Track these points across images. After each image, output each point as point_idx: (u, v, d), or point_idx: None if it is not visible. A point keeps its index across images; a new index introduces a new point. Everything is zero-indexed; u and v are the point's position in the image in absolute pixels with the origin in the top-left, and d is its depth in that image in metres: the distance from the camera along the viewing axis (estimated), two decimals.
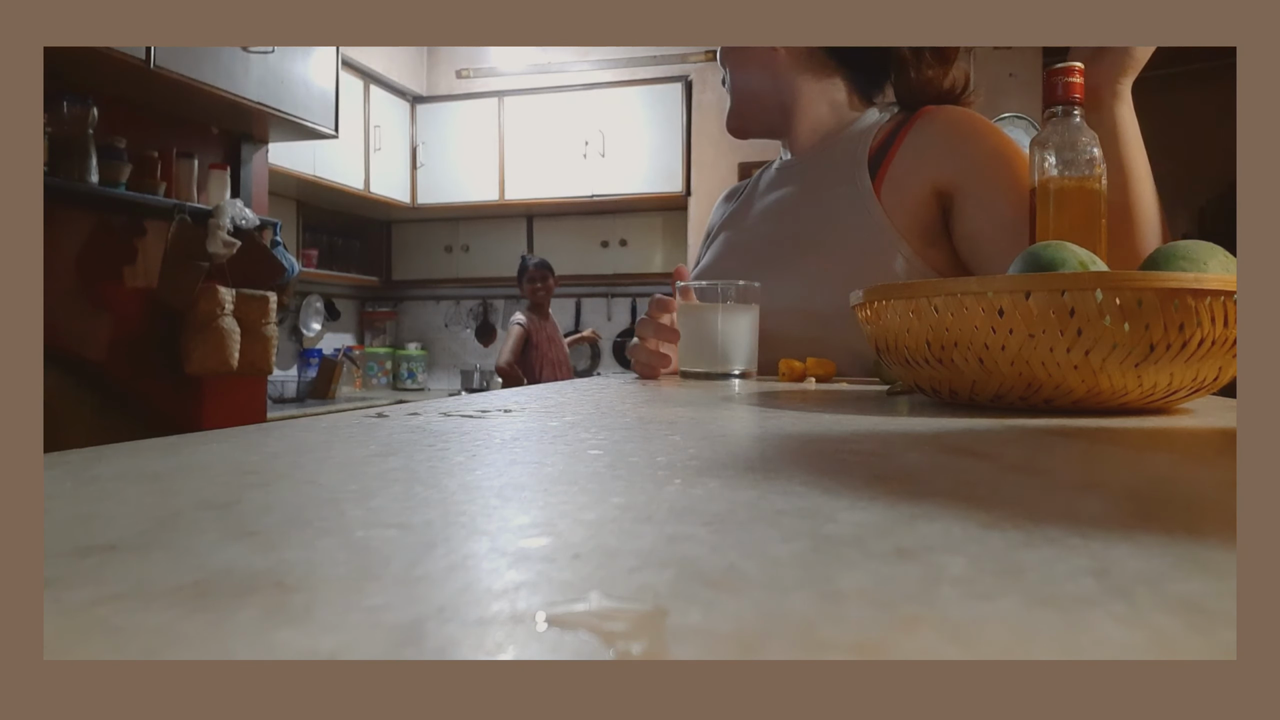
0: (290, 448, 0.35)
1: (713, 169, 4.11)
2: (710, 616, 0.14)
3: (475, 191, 4.36)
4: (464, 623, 0.14)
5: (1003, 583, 0.16)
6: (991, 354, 0.51)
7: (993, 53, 3.56)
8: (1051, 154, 0.72)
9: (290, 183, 3.70)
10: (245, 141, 2.78)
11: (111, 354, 2.34)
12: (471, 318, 4.75)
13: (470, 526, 0.21)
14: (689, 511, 0.22)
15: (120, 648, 0.13)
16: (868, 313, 0.61)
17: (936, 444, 0.37)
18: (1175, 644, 0.13)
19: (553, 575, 0.16)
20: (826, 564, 0.17)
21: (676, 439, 0.38)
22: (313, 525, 0.21)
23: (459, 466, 0.30)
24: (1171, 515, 0.22)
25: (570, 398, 0.64)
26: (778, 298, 1.00)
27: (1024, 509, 0.22)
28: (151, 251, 2.43)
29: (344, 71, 3.45)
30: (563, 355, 3.73)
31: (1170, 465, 0.32)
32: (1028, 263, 0.57)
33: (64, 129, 2.11)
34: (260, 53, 2.48)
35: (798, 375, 0.89)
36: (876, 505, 0.23)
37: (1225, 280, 0.48)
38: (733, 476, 0.28)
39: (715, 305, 0.94)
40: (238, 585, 0.16)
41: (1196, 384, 0.51)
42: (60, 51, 1.95)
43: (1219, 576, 0.16)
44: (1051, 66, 0.73)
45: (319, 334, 4.29)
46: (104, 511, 0.22)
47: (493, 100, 4.35)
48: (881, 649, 0.13)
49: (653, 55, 4.27)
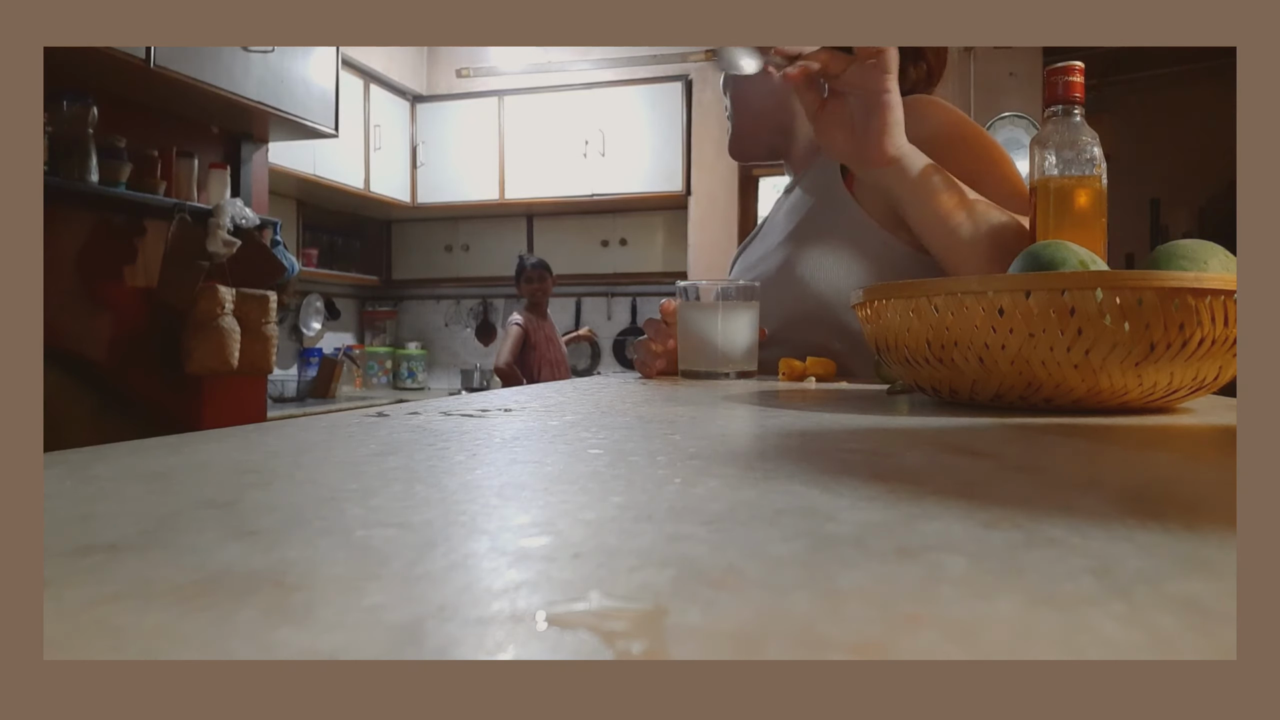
0: (290, 447, 0.35)
1: (713, 169, 4.11)
2: (710, 616, 0.14)
3: (475, 191, 4.35)
4: (464, 622, 0.14)
5: (1003, 583, 0.16)
6: (992, 353, 0.51)
7: (993, 53, 3.56)
8: (1051, 153, 0.72)
9: (290, 182, 3.70)
10: (245, 141, 2.78)
11: (111, 354, 2.34)
12: (471, 317, 4.75)
13: (470, 526, 0.21)
14: (689, 511, 0.22)
15: (120, 648, 0.13)
16: (868, 312, 0.61)
17: (936, 443, 0.37)
18: (1175, 644, 0.13)
19: (553, 574, 0.16)
20: (826, 563, 0.17)
21: (676, 438, 0.38)
22: (313, 524, 0.21)
23: (459, 466, 0.30)
24: (1171, 515, 0.22)
25: (570, 397, 0.64)
26: (776, 304, 1.01)
27: (1024, 509, 0.22)
28: (151, 251, 2.43)
29: (344, 71, 3.45)
30: (561, 355, 3.72)
31: (1170, 464, 0.32)
32: (1028, 262, 0.57)
33: (64, 129, 2.11)
34: (260, 52, 2.48)
35: (798, 375, 0.89)
36: (877, 505, 0.23)
37: (1225, 279, 0.47)
38: (733, 476, 0.28)
39: (715, 305, 0.94)
40: (238, 585, 0.16)
41: (1197, 383, 0.51)
42: (60, 51, 1.95)
43: (1219, 576, 0.16)
44: (1051, 66, 0.73)
45: (319, 333, 4.29)
46: (104, 511, 0.22)
47: (493, 100, 4.35)
48: (881, 649, 0.13)
49: (653, 55, 4.27)
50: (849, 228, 1.01)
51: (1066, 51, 3.04)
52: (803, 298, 1.01)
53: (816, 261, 1.01)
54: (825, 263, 1.00)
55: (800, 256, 1.03)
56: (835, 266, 1.00)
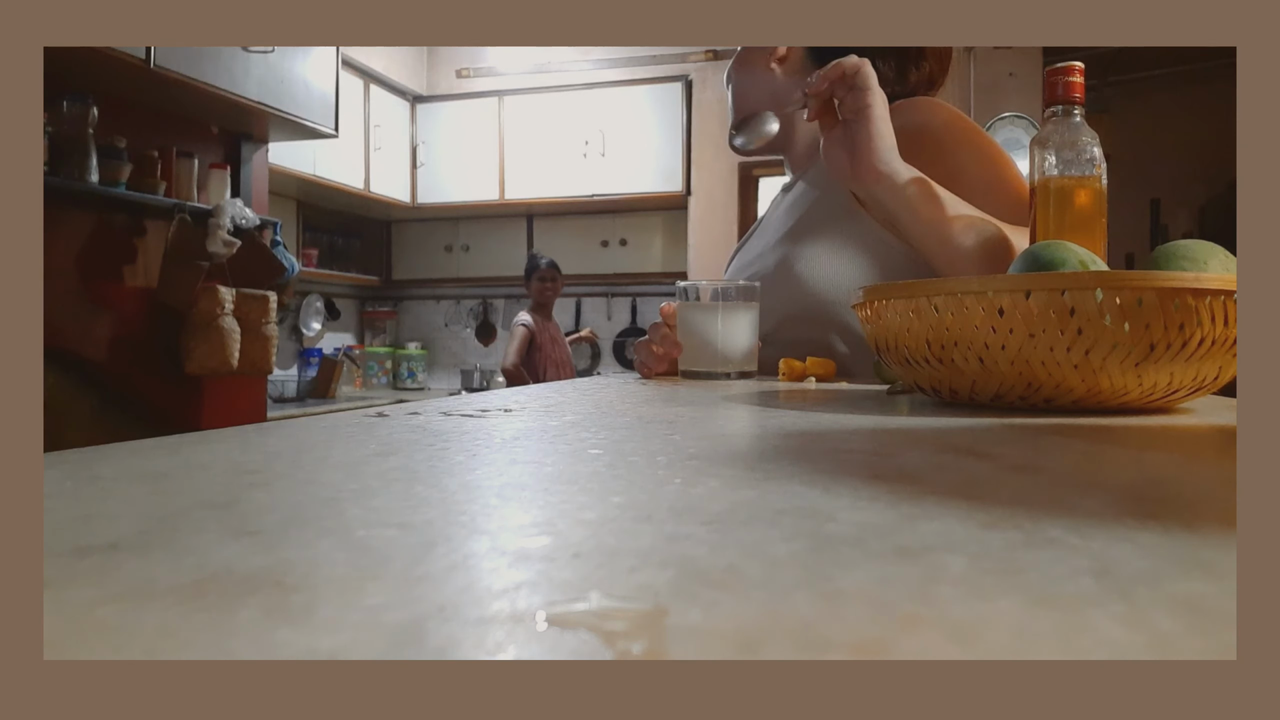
0: (290, 447, 0.35)
1: (713, 169, 4.11)
2: (710, 616, 0.14)
3: (475, 191, 4.35)
4: (464, 622, 0.14)
5: (1003, 583, 0.16)
6: (991, 353, 0.51)
7: (993, 53, 3.56)
8: (1051, 153, 0.72)
9: (290, 182, 3.70)
10: (245, 141, 2.78)
11: (111, 354, 2.34)
12: (472, 317, 4.75)
13: (470, 526, 0.21)
14: (689, 511, 0.22)
15: (120, 648, 0.13)
16: (868, 312, 0.61)
17: (936, 443, 0.37)
18: (1175, 644, 0.13)
19: (553, 575, 0.16)
20: (826, 564, 0.17)
21: (676, 438, 0.38)
22: (313, 525, 0.21)
23: (459, 466, 0.30)
24: (1171, 515, 0.22)
25: (570, 397, 0.64)
26: (774, 302, 1.01)
27: (1024, 509, 0.22)
28: (151, 251, 2.43)
29: (344, 71, 3.45)
30: (566, 355, 3.71)
31: (1170, 465, 0.32)
32: (1028, 262, 0.57)
33: (64, 129, 2.11)
34: (260, 52, 2.48)
35: (798, 375, 0.89)
36: (877, 505, 0.23)
37: (1225, 280, 0.47)
38: (733, 476, 0.28)
39: (715, 305, 0.94)
40: (238, 585, 0.16)
41: (1197, 383, 0.51)
42: (60, 51, 1.95)
43: (1219, 576, 0.16)
44: (1051, 66, 0.73)
45: (319, 333, 4.29)
46: (104, 511, 0.22)
47: (493, 100, 4.35)
48: (881, 649, 0.13)
49: (653, 55, 4.27)
50: (849, 225, 1.01)
51: (1066, 51, 3.04)
52: (800, 295, 1.01)
53: (815, 259, 1.01)
54: (823, 260, 1.00)
55: (799, 254, 1.03)
56: (834, 264, 1.00)
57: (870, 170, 0.81)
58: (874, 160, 0.80)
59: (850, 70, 0.80)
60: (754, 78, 1.16)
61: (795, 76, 1.13)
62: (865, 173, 0.81)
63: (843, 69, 0.80)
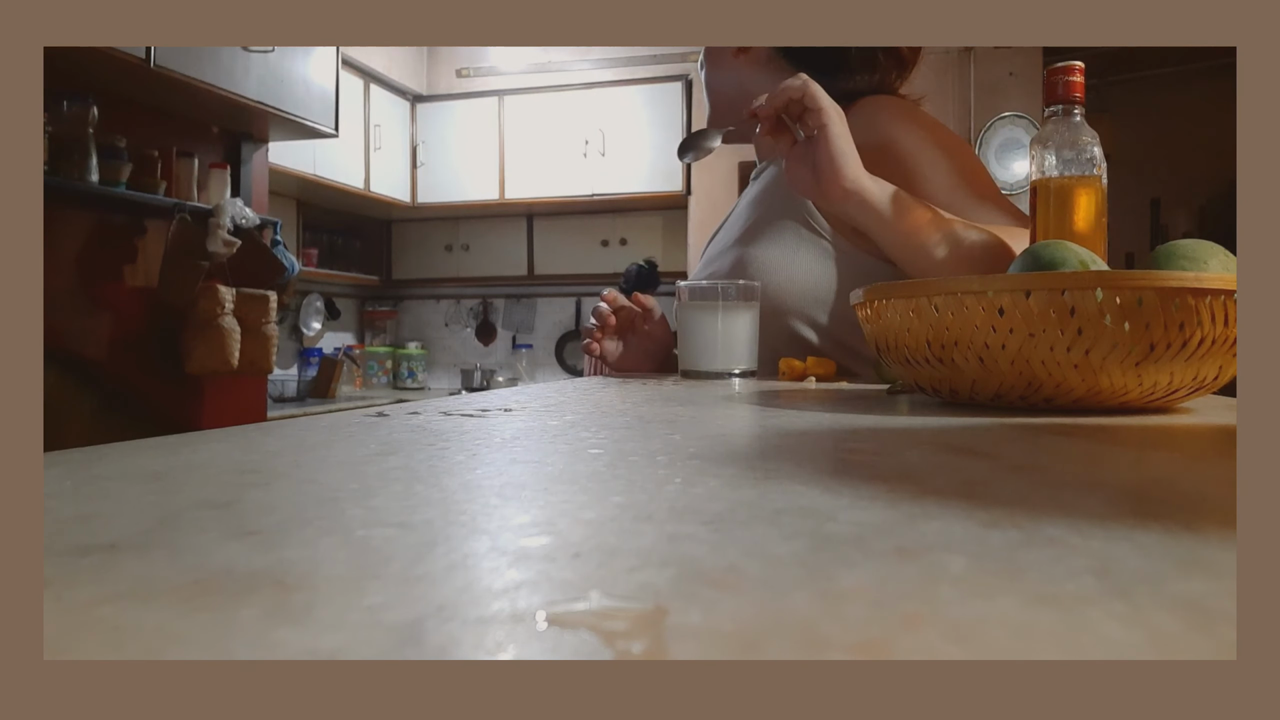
0: (290, 447, 0.35)
1: (713, 169, 4.11)
2: (710, 616, 0.14)
3: (475, 191, 4.35)
4: (464, 622, 0.14)
5: (1003, 582, 0.16)
6: (992, 353, 0.51)
7: (993, 53, 3.56)
8: (1051, 153, 0.72)
9: (290, 182, 3.70)
10: (245, 141, 2.78)
11: (111, 353, 2.34)
12: (472, 317, 4.75)
13: (470, 525, 0.21)
14: (689, 510, 0.22)
15: (120, 648, 0.13)
16: (868, 312, 0.61)
17: (937, 443, 0.37)
18: (1175, 644, 0.13)
19: (553, 574, 0.16)
20: (827, 563, 0.17)
21: (676, 438, 0.38)
22: (313, 524, 0.21)
23: (459, 465, 0.30)
24: (1171, 515, 0.22)
25: (570, 397, 0.64)
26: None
27: (1024, 508, 0.22)
28: (151, 251, 2.43)
29: (344, 71, 3.44)
30: None
31: (1170, 464, 0.32)
32: (1027, 262, 0.57)
33: (64, 128, 2.11)
34: (260, 52, 2.48)
35: (798, 375, 0.89)
36: (877, 504, 0.23)
37: (1225, 279, 0.47)
38: (733, 476, 0.28)
39: (715, 305, 0.94)
40: (238, 585, 0.16)
41: (1197, 383, 0.51)
42: (60, 51, 1.95)
43: (1219, 576, 0.16)
44: (1051, 66, 0.73)
45: (319, 333, 4.29)
46: (104, 511, 0.22)
47: (493, 100, 4.35)
48: (881, 649, 0.13)
49: (653, 55, 4.27)
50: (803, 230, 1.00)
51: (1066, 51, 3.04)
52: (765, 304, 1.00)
53: (767, 263, 1.00)
54: (775, 266, 0.99)
55: (752, 256, 1.01)
56: (786, 271, 0.98)
57: (837, 190, 0.80)
58: (840, 180, 0.79)
59: (796, 94, 0.79)
60: (722, 73, 1.18)
61: (759, 66, 1.13)
62: (832, 193, 0.80)
63: (788, 94, 0.79)
